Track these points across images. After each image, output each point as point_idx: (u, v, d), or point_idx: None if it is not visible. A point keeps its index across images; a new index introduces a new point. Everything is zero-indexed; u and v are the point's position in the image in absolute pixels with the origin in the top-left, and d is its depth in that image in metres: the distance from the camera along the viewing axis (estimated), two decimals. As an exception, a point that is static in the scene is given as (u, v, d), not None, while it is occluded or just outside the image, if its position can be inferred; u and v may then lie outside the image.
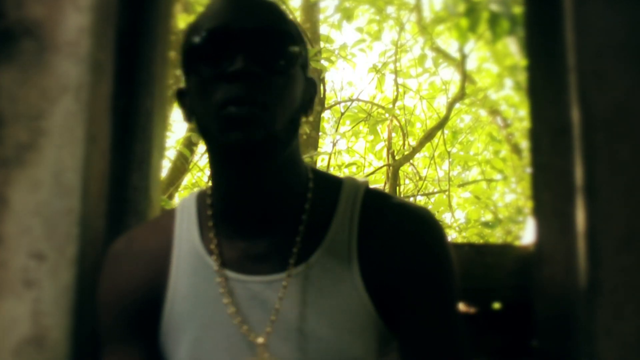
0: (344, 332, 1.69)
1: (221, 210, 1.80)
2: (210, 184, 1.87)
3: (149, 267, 1.82)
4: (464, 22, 4.60)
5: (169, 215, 1.88)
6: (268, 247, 1.74)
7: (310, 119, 7.47)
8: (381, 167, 8.64)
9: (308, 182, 1.79)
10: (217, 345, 1.73)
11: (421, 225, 1.76)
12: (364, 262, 1.71)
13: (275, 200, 1.74)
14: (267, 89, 1.64)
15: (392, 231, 1.74)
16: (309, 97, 1.82)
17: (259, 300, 1.73)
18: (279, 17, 1.75)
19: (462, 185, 9.37)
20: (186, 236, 1.80)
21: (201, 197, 1.88)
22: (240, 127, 1.62)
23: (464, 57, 7.31)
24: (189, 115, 1.80)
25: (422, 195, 9.03)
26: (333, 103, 8.96)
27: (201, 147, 7.37)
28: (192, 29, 1.75)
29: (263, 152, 1.66)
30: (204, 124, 1.70)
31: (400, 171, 8.52)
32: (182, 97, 1.81)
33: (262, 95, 1.62)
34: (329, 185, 1.81)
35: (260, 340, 1.71)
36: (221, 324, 1.73)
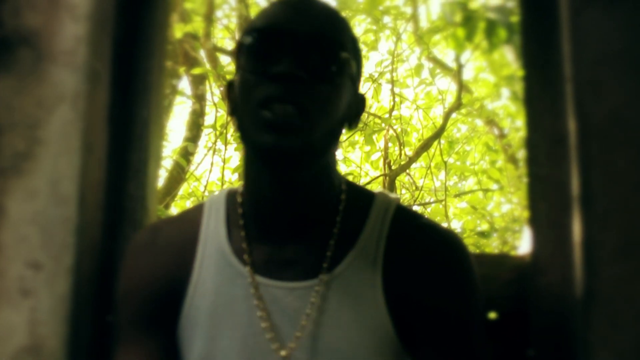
0: (361, 347, 1.68)
1: (251, 211, 1.79)
2: (242, 183, 1.86)
3: (173, 260, 1.81)
4: (460, 32, 4.59)
5: (196, 210, 1.88)
6: (295, 254, 1.74)
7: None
8: (377, 177, 8.62)
9: (341, 193, 1.79)
10: (233, 345, 1.72)
11: (449, 250, 1.76)
12: (387, 280, 1.71)
13: (306, 208, 1.74)
14: (310, 94, 1.63)
15: (419, 252, 1.74)
16: (356, 112, 1.81)
17: (280, 306, 1.72)
18: (335, 26, 1.73)
19: (459, 195, 9.36)
20: (213, 234, 1.79)
21: (231, 196, 1.86)
22: (276, 130, 1.61)
23: (460, 66, 7.32)
24: (233, 110, 1.79)
25: (418, 205, 9.03)
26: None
27: (197, 157, 7.37)
28: (247, 27, 1.76)
29: (296, 159, 1.65)
30: (243, 121, 1.69)
31: (396, 181, 8.52)
32: (230, 90, 1.81)
33: (303, 99, 1.61)
34: (361, 198, 1.80)
35: (283, 353, 1.70)
36: (241, 326, 1.72)
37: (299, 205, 1.73)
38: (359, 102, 1.82)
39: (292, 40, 1.64)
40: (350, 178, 9.08)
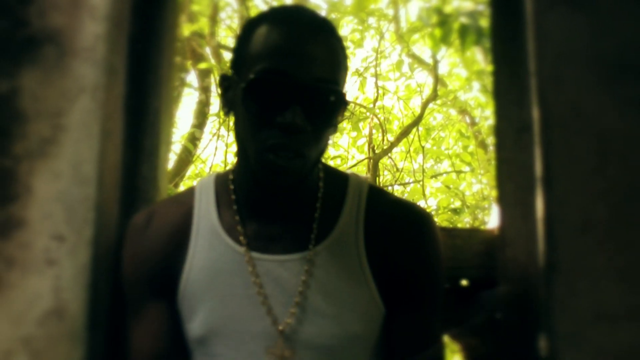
0: (346, 310, 1.68)
1: (242, 193, 1.77)
2: (235, 168, 1.84)
3: (169, 239, 1.80)
4: (436, 33, 4.59)
5: (188, 193, 1.87)
6: (284, 231, 1.73)
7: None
8: (363, 160, 8.61)
9: (319, 179, 1.77)
10: (234, 316, 1.72)
11: (420, 221, 1.77)
12: (370, 249, 1.71)
13: (293, 195, 1.73)
14: (311, 141, 1.61)
15: (395, 224, 1.75)
16: (341, 119, 1.78)
17: (273, 277, 1.71)
18: (336, 62, 1.67)
19: (434, 176, 9.34)
20: (205, 214, 1.78)
21: (220, 180, 1.85)
22: (277, 172, 1.61)
23: (436, 62, 7.31)
24: (227, 112, 1.75)
25: (399, 185, 9.02)
26: (320, 103, 8.92)
27: (203, 142, 7.35)
28: (250, 50, 1.67)
29: (291, 188, 1.67)
30: (245, 145, 1.66)
31: (379, 163, 8.50)
32: (225, 88, 1.76)
33: (303, 148, 1.60)
34: (337, 179, 1.80)
35: (277, 322, 1.70)
36: (238, 297, 1.72)
37: (287, 195, 1.72)
38: (344, 106, 1.76)
39: (296, 87, 1.59)
40: (338, 161, 9.08)
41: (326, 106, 1.63)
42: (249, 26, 1.71)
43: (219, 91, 1.75)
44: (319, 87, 1.61)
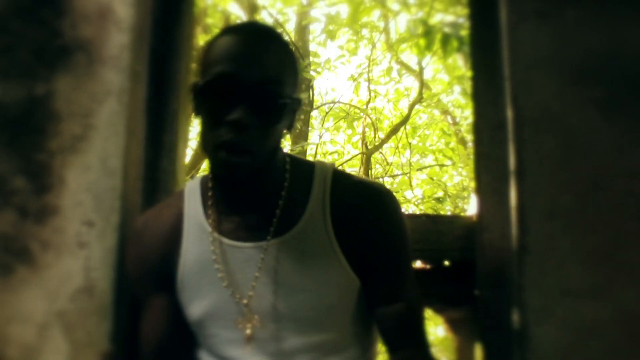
0: (322, 284, 1.67)
1: (218, 193, 1.76)
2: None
3: (164, 239, 1.79)
4: (422, 42, 4.59)
5: (178, 196, 1.84)
6: (256, 220, 1.71)
7: (302, 116, 7.46)
8: (357, 155, 8.61)
9: (285, 167, 1.75)
10: (212, 305, 1.73)
11: (382, 197, 1.74)
12: (337, 228, 1.69)
13: (259, 188, 1.71)
14: (256, 137, 1.58)
15: (358, 202, 1.72)
16: (294, 117, 1.74)
17: (250, 263, 1.71)
18: (279, 65, 1.64)
19: (420, 169, 9.35)
20: (193, 213, 1.77)
21: (204, 181, 1.84)
22: (229, 167, 1.59)
23: (421, 69, 7.30)
24: (196, 114, 1.74)
25: (389, 177, 9.02)
26: (319, 105, 8.95)
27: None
28: (206, 59, 1.66)
29: (245, 180, 1.64)
30: (204, 144, 1.64)
31: (372, 158, 8.51)
32: (194, 94, 1.73)
33: (251, 144, 1.57)
34: (304, 168, 1.76)
35: (245, 301, 1.70)
36: (212, 283, 1.72)
37: (252, 188, 1.70)
38: (297, 106, 1.73)
39: (245, 88, 1.57)
40: (335, 156, 9.08)
41: (271, 105, 1.60)
42: (211, 39, 1.70)
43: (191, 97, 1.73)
44: (263, 88, 1.58)
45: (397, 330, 1.75)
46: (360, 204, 1.72)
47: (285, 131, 1.72)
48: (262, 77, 1.58)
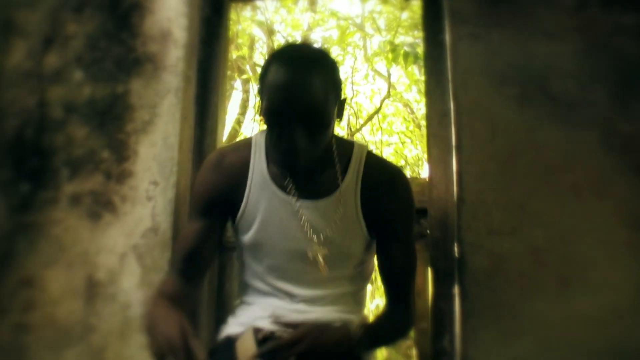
0: (347, 238, 1.59)
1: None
2: None
3: (235, 175, 1.57)
4: (390, 56, 4.59)
5: (247, 145, 1.66)
6: (305, 184, 1.56)
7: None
8: (343, 135, 8.58)
9: (332, 143, 1.60)
10: (274, 233, 1.60)
11: (400, 179, 1.60)
12: (363, 199, 1.59)
13: (312, 167, 1.54)
14: (311, 150, 1.46)
15: (381, 179, 1.57)
16: (342, 111, 1.56)
17: (296, 216, 1.58)
18: (325, 85, 1.45)
19: (388, 145, 9.34)
20: (258, 164, 1.61)
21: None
22: (289, 169, 1.50)
23: (389, 75, 7.29)
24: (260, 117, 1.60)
25: (366, 152, 8.98)
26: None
27: (245, 124, 7.28)
28: (263, 83, 1.48)
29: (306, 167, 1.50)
30: (268, 141, 1.53)
31: (354, 137, 8.47)
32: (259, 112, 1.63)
33: (304, 159, 1.45)
34: (345, 146, 1.64)
35: (315, 240, 1.56)
36: (283, 220, 1.59)
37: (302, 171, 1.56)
38: (343, 107, 1.55)
39: (293, 116, 1.40)
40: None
41: (320, 127, 1.45)
42: (266, 64, 1.50)
43: (257, 99, 1.62)
44: (310, 115, 1.42)
45: (397, 278, 1.66)
46: (383, 180, 1.57)
47: (335, 123, 1.59)
48: (310, 103, 1.42)
